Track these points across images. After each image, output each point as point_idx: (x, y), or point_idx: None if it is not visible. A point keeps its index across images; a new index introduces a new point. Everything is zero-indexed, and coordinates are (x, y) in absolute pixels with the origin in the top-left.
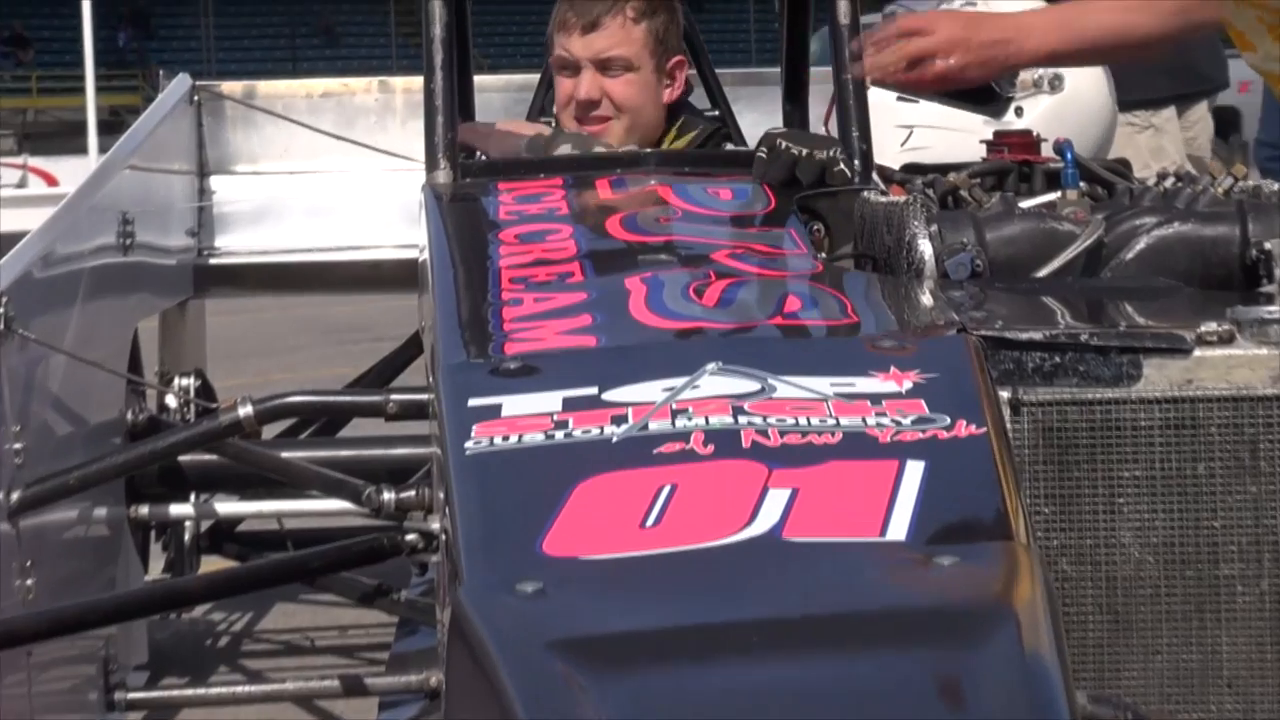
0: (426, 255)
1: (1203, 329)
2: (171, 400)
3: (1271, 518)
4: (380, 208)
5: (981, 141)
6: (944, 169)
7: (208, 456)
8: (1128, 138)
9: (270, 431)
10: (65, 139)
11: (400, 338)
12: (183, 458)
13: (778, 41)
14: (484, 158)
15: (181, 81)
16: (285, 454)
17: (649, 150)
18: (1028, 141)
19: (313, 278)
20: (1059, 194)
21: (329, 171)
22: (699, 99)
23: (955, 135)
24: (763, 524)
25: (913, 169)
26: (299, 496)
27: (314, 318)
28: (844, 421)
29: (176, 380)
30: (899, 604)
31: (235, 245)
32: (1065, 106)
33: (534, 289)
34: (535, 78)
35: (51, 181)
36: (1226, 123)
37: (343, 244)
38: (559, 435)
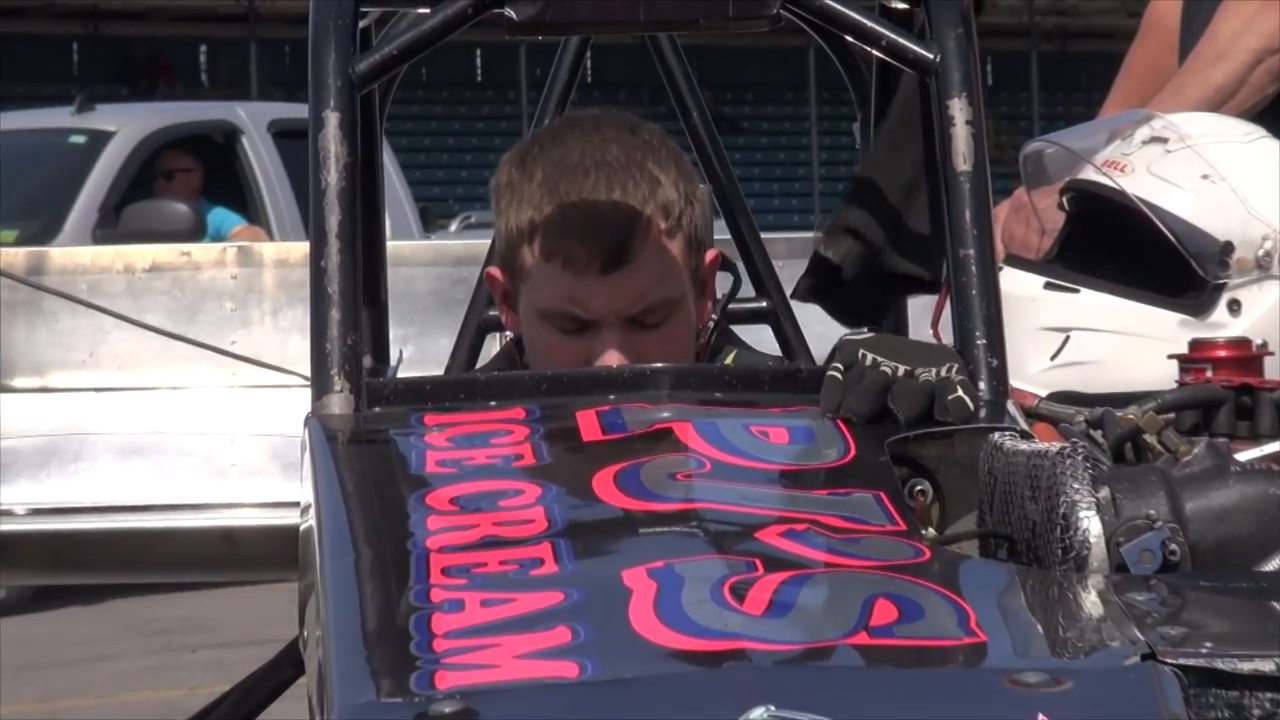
0: (311, 524)
1: None
2: None
3: None
4: (239, 447)
5: (1172, 356)
6: (1119, 399)
7: None
8: None
9: None
10: None
11: (264, 644)
12: None
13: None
14: (399, 361)
15: None
16: None
17: (658, 365)
18: (1247, 356)
19: (131, 555)
20: None
21: (159, 389)
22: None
23: (1135, 344)
24: None
25: (1070, 398)
26: None
27: (133, 614)
28: None
29: None
30: None
31: (11, 501)
32: None
33: (481, 585)
34: (480, 245)
35: None
36: None
37: (178, 502)
38: None
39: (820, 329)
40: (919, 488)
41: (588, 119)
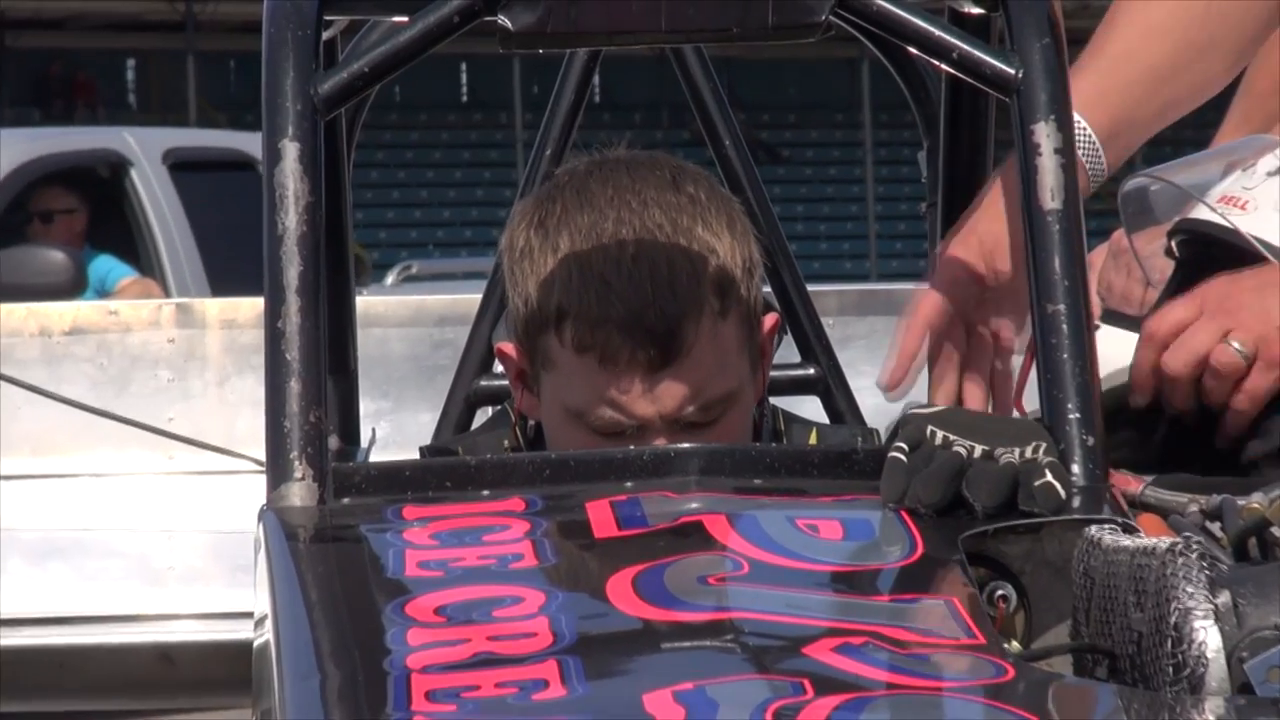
0: (268, 638)
1: None
2: None
3: None
4: (178, 546)
5: None
6: (1240, 484)
7: None
8: None
9: None
10: None
11: None
12: None
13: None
14: (372, 442)
15: None
16: None
17: (685, 446)
18: None
19: (50, 677)
20: None
21: (80, 476)
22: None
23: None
24: None
25: (1183, 484)
26: None
27: None
28: None
29: None
30: None
31: None
32: None
33: (474, 712)
34: (468, 301)
35: None
36: None
37: (105, 613)
38: None
39: (876, 401)
40: (1000, 592)
41: (619, 166)
